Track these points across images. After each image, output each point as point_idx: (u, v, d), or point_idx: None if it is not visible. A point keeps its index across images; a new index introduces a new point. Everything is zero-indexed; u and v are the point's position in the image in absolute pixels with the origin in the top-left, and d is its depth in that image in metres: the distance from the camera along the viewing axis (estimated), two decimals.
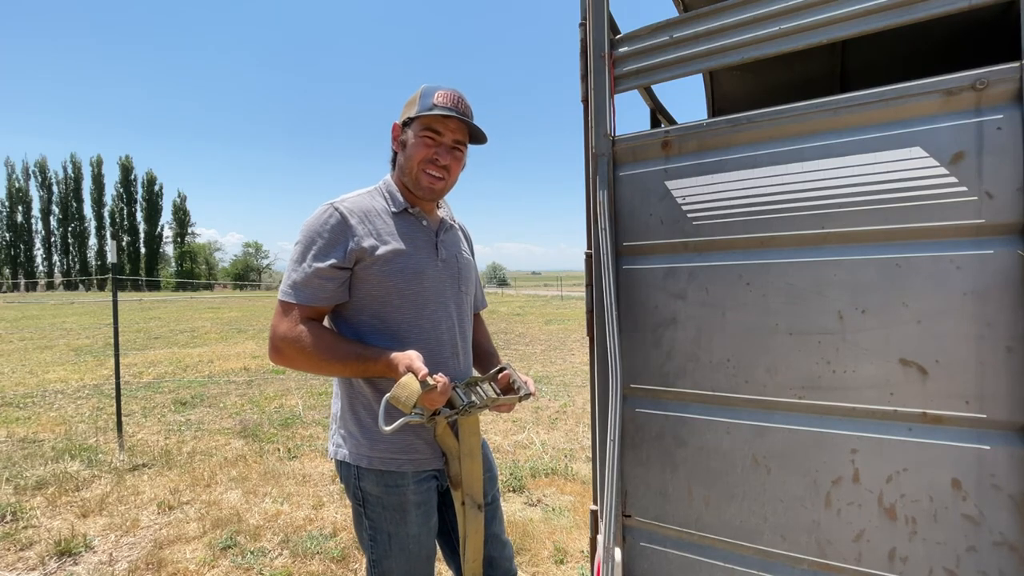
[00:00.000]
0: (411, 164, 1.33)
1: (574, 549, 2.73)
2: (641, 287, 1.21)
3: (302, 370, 1.31)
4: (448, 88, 1.33)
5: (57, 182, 64.42)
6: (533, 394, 1.38)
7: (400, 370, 1.16)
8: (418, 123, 1.32)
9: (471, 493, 1.33)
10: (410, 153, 1.33)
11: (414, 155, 1.32)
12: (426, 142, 1.31)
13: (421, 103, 1.31)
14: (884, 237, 0.97)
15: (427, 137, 1.31)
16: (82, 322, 15.09)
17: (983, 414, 0.90)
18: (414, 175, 1.33)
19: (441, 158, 1.33)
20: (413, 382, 1.12)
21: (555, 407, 5.61)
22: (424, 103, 1.31)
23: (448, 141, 1.34)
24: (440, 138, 1.33)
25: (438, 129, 1.31)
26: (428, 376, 1.13)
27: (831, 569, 1.03)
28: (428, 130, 1.31)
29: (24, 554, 2.68)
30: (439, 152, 1.33)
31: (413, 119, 1.32)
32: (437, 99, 1.31)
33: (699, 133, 1.13)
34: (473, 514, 1.34)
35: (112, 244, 4.69)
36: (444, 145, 1.33)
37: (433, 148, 1.32)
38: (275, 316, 1.28)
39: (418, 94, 1.33)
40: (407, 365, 1.16)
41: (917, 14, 0.93)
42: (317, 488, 3.52)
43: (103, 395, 6.08)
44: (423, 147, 1.32)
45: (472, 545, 1.34)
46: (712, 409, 1.14)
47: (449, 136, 1.33)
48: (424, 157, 1.32)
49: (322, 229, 1.26)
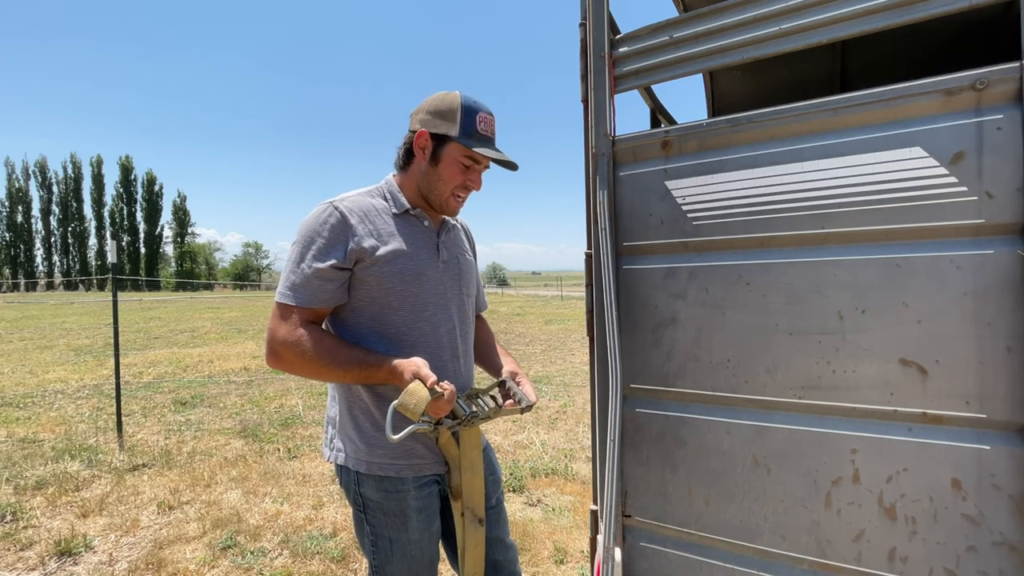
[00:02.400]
0: (444, 187, 1.31)
1: (574, 549, 2.73)
2: (641, 287, 1.21)
3: (301, 375, 1.28)
4: (486, 110, 1.31)
5: (57, 182, 64.53)
6: (535, 403, 1.35)
7: (406, 377, 1.14)
8: (459, 148, 1.28)
9: (471, 507, 1.32)
10: (444, 175, 1.30)
11: (449, 179, 1.30)
12: (464, 166, 1.30)
13: (463, 124, 1.27)
14: (884, 237, 0.97)
15: (466, 163, 1.30)
16: (82, 322, 15.09)
17: (983, 414, 0.90)
18: (444, 199, 1.32)
19: (475, 185, 1.33)
20: (421, 389, 1.10)
21: (555, 407, 5.61)
22: (467, 127, 1.27)
23: (484, 167, 1.34)
24: (477, 166, 1.32)
25: (478, 159, 1.31)
26: (436, 383, 1.12)
27: (831, 569, 1.03)
28: (469, 158, 1.29)
29: (24, 554, 2.69)
30: (473, 180, 1.33)
31: (451, 139, 1.27)
32: (480, 126, 1.28)
33: (699, 133, 1.13)
34: (473, 528, 1.32)
35: (112, 244, 4.69)
36: (479, 171, 1.34)
37: (469, 175, 1.32)
38: (272, 319, 1.24)
39: (458, 108, 1.27)
40: (413, 372, 1.14)
41: (917, 14, 0.93)
42: (317, 488, 3.52)
43: (103, 395, 6.08)
44: (460, 173, 1.30)
45: (472, 559, 1.32)
46: (712, 409, 1.13)
47: (485, 164, 1.34)
48: (459, 184, 1.31)
49: (321, 228, 1.23)
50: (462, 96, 1.28)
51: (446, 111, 1.28)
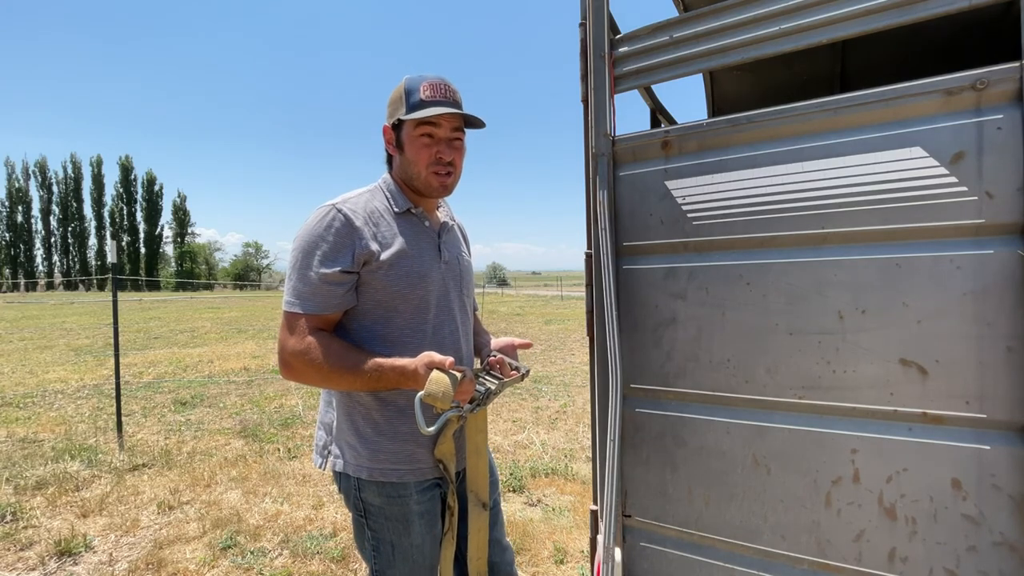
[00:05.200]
0: (417, 169, 1.28)
1: (574, 549, 2.73)
2: (641, 287, 1.21)
3: (314, 385, 1.24)
4: (432, 77, 1.27)
5: (57, 182, 64.51)
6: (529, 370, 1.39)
7: (421, 371, 1.12)
8: (410, 123, 1.26)
9: (476, 491, 1.32)
10: (412, 157, 1.28)
11: (417, 159, 1.27)
12: (424, 142, 1.26)
13: (408, 101, 1.25)
14: (884, 237, 0.96)
15: (424, 136, 1.26)
16: (82, 322, 15.09)
17: (983, 414, 0.90)
18: (423, 179, 1.29)
19: (444, 155, 1.28)
20: (444, 376, 1.09)
21: (555, 407, 5.61)
22: (411, 100, 1.25)
23: (446, 134, 1.28)
24: (438, 132, 1.27)
25: (434, 123, 1.26)
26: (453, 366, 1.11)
27: (831, 569, 1.03)
28: (423, 127, 1.25)
29: (24, 554, 2.68)
30: (441, 150, 1.28)
31: (404, 120, 1.27)
32: (424, 93, 1.24)
33: (699, 133, 1.13)
34: (477, 512, 1.33)
35: (112, 244, 4.69)
36: (443, 140, 1.28)
37: (434, 148, 1.27)
38: (282, 330, 1.21)
39: (401, 90, 1.27)
40: (427, 363, 1.12)
41: (917, 14, 0.93)
42: (317, 488, 3.52)
43: (103, 395, 6.08)
44: (423, 148, 1.26)
45: (476, 543, 1.33)
46: (712, 409, 1.13)
47: (446, 128, 1.27)
48: (428, 159, 1.27)
49: (326, 233, 1.20)
50: (406, 78, 1.28)
51: (395, 98, 1.29)
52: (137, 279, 37.82)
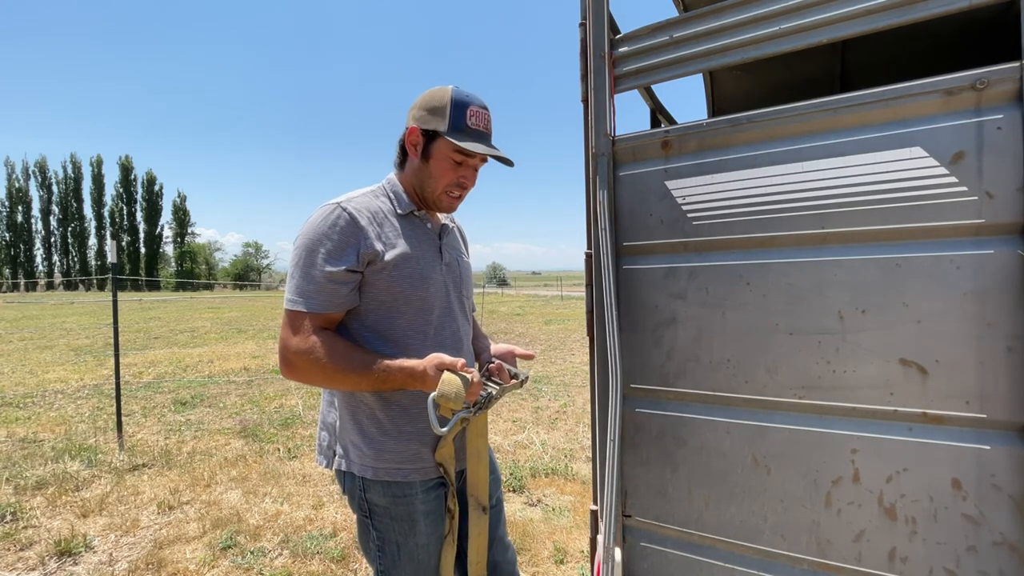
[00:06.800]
0: (435, 184, 1.28)
1: (574, 549, 2.73)
2: (641, 287, 1.21)
3: (316, 384, 1.23)
4: (478, 104, 1.26)
5: (57, 182, 64.56)
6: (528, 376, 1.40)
7: (431, 373, 1.12)
8: (448, 144, 1.24)
9: (476, 495, 1.32)
10: (435, 172, 1.27)
11: (440, 176, 1.27)
12: (454, 164, 1.26)
13: (453, 119, 1.23)
14: (884, 237, 0.96)
15: (457, 161, 1.26)
16: (82, 322, 15.09)
17: (983, 414, 0.90)
18: (437, 196, 1.29)
19: (468, 182, 1.30)
20: (455, 378, 1.10)
21: (555, 407, 5.61)
22: (456, 120, 1.23)
23: (476, 164, 1.30)
24: (471, 161, 1.28)
25: (469, 154, 1.26)
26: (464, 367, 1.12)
27: (831, 569, 1.03)
28: (460, 153, 1.25)
29: (24, 554, 2.68)
30: (466, 176, 1.29)
31: (441, 135, 1.24)
32: (471, 120, 1.24)
33: (699, 133, 1.13)
34: (477, 516, 1.32)
35: (112, 244, 4.68)
36: (471, 167, 1.30)
37: (460, 172, 1.28)
38: (284, 328, 1.20)
39: (448, 102, 1.24)
40: (437, 364, 1.12)
41: (917, 14, 0.93)
42: (317, 488, 3.52)
43: (103, 395, 6.08)
44: (451, 170, 1.27)
45: (476, 547, 1.33)
46: (712, 409, 1.13)
47: (478, 159, 1.29)
48: (451, 181, 1.28)
49: (330, 231, 1.18)
50: (454, 90, 1.25)
51: (437, 106, 1.24)
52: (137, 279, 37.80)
